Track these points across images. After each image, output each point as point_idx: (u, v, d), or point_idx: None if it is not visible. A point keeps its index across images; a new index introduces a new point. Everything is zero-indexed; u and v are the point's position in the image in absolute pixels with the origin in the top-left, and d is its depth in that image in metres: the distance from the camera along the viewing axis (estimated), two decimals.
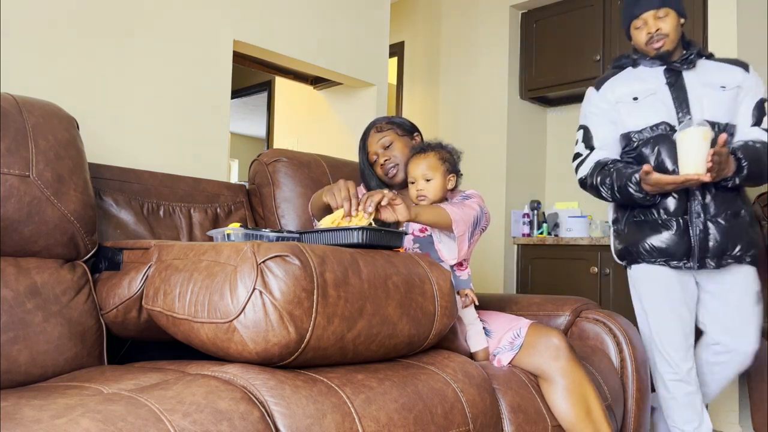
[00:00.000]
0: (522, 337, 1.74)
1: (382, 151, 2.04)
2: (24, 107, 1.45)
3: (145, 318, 1.40)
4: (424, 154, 1.89)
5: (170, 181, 1.99)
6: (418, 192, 1.86)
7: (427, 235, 1.89)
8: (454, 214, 1.78)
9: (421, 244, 1.90)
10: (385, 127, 2.08)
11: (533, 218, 3.98)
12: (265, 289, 1.16)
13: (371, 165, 2.08)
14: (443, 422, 1.34)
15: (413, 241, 1.91)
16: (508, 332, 1.78)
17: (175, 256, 1.34)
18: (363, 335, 1.29)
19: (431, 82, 4.43)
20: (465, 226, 1.80)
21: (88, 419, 0.93)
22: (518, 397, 1.60)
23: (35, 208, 1.39)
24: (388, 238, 1.50)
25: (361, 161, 2.11)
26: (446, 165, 1.89)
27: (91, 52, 2.15)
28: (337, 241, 1.46)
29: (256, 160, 2.27)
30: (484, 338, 1.79)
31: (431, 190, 1.86)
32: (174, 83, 2.38)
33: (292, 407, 1.14)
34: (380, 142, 2.04)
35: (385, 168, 2.03)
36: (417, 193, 1.87)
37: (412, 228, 1.92)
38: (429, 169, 1.86)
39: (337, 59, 3.03)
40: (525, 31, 4.05)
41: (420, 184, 1.87)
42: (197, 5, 2.45)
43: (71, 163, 1.47)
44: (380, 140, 2.04)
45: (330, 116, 3.53)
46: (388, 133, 2.05)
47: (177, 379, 1.14)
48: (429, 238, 1.89)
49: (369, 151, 2.07)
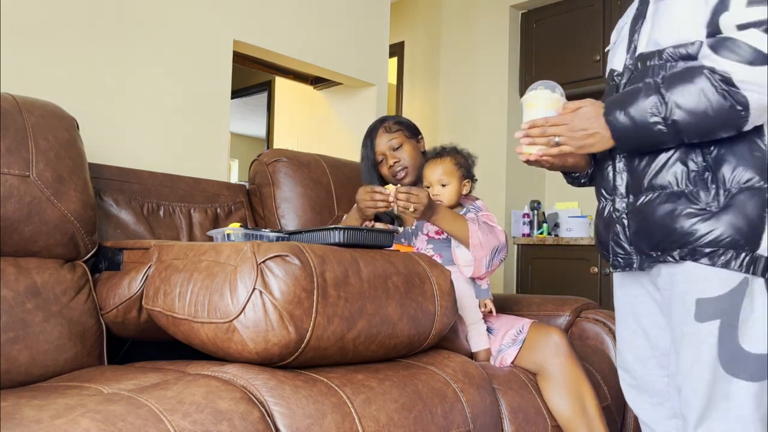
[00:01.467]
0: (525, 333, 1.76)
1: (391, 153, 2.01)
2: (24, 107, 1.45)
3: (145, 318, 1.40)
4: (441, 159, 1.88)
5: (170, 181, 1.99)
6: (434, 197, 1.86)
7: (442, 238, 1.89)
8: (475, 237, 1.78)
9: (435, 246, 1.90)
10: (394, 127, 2.04)
11: (533, 218, 3.98)
12: (265, 289, 1.16)
13: (376, 164, 2.06)
14: (443, 422, 1.34)
15: (427, 242, 1.91)
16: (511, 330, 1.80)
17: (175, 256, 1.34)
18: (363, 335, 1.29)
19: (431, 82, 4.43)
20: (483, 252, 1.79)
21: (88, 419, 0.93)
22: (518, 397, 1.60)
23: (35, 208, 1.39)
24: (374, 238, 1.48)
25: (366, 158, 2.07)
26: (462, 170, 1.89)
27: (91, 53, 2.15)
28: (318, 241, 1.44)
29: (256, 160, 2.27)
30: (487, 339, 1.79)
31: (447, 195, 1.87)
32: (174, 83, 2.38)
33: (292, 407, 1.14)
34: (389, 143, 2.01)
35: (393, 170, 2.01)
36: (433, 198, 1.86)
37: (428, 229, 1.92)
38: (445, 174, 1.86)
39: (337, 59, 3.03)
40: (525, 31, 4.05)
41: (436, 189, 1.87)
42: (197, 5, 2.45)
43: (71, 163, 1.47)
44: (389, 141, 2.01)
45: (330, 116, 3.53)
46: (398, 135, 2.03)
47: (177, 379, 1.14)
48: (445, 242, 1.89)
49: (376, 151, 2.03)
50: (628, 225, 1.33)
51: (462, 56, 4.24)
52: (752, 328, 1.20)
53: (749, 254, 1.19)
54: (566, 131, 1.30)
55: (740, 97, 1.14)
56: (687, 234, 1.22)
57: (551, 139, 1.31)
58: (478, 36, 4.16)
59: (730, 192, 1.20)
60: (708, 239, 1.20)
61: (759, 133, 1.22)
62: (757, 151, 1.21)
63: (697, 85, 1.16)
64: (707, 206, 1.21)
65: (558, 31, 3.89)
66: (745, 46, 1.13)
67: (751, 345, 1.20)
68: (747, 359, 1.20)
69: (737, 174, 1.21)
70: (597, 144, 1.29)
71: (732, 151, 1.22)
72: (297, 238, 1.49)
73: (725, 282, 1.21)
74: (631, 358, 1.43)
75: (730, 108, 1.15)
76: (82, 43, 2.13)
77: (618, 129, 1.25)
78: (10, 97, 1.45)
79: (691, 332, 1.24)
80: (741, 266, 1.19)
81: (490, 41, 4.10)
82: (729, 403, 1.21)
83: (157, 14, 2.33)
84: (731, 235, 1.19)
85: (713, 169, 1.22)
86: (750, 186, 1.20)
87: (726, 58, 1.14)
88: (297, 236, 1.50)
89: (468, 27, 4.23)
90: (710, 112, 1.16)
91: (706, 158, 1.23)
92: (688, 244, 1.23)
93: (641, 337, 1.41)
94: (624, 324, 1.44)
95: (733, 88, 1.14)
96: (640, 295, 1.40)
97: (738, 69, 1.13)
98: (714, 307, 1.21)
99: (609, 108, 1.27)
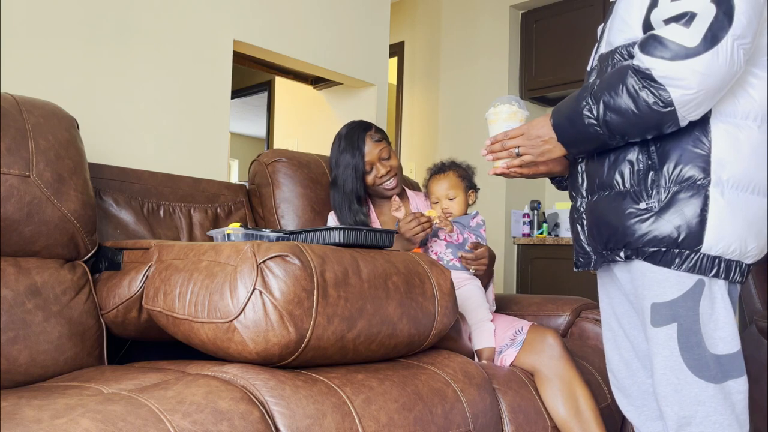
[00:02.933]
0: (524, 334, 1.77)
1: (381, 162, 1.99)
2: (24, 107, 1.45)
3: (145, 318, 1.40)
4: (444, 174, 1.93)
5: (170, 181, 1.99)
6: (444, 211, 1.90)
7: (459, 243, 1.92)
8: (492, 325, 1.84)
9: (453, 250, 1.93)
10: (379, 136, 2.01)
11: (533, 218, 3.98)
12: (265, 289, 1.16)
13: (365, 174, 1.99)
14: (443, 422, 1.34)
15: (446, 246, 1.94)
16: (510, 330, 1.81)
17: (175, 256, 1.34)
18: (363, 335, 1.29)
19: (431, 82, 4.43)
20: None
21: (88, 419, 0.93)
22: (518, 397, 1.61)
23: (35, 208, 1.39)
24: (374, 238, 1.48)
25: (353, 168, 1.98)
26: (465, 182, 1.96)
27: (91, 52, 2.15)
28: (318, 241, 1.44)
29: (256, 160, 2.27)
30: (493, 338, 1.80)
31: (456, 207, 1.92)
32: (174, 83, 2.38)
33: (292, 407, 1.14)
34: (379, 152, 1.98)
35: (382, 180, 1.98)
36: (443, 212, 1.90)
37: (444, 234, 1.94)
38: (451, 188, 1.92)
39: (337, 59, 3.03)
40: (525, 31, 4.05)
41: (444, 203, 1.92)
42: (197, 5, 2.45)
43: (71, 163, 1.47)
44: (380, 150, 1.99)
45: (330, 116, 3.53)
46: (384, 144, 2.00)
47: (177, 379, 1.14)
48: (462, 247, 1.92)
49: (366, 161, 1.98)
50: (585, 224, 1.34)
51: (462, 56, 4.24)
52: (715, 330, 1.19)
53: (695, 254, 1.17)
54: (524, 141, 1.33)
55: (663, 94, 1.12)
56: (630, 234, 1.21)
57: (512, 151, 1.35)
58: (478, 36, 4.16)
59: (671, 190, 1.18)
60: (648, 238, 1.19)
61: (704, 129, 1.19)
62: (700, 148, 1.18)
63: (623, 85, 1.16)
64: (648, 206, 1.19)
65: (558, 31, 3.89)
66: (666, 42, 1.11)
67: (715, 347, 1.19)
68: (715, 362, 1.19)
69: (679, 171, 1.18)
70: (554, 149, 1.31)
71: (676, 149, 1.19)
72: (297, 238, 1.49)
73: (679, 285, 1.19)
74: (616, 359, 1.43)
75: (654, 105, 1.13)
76: (82, 43, 2.13)
77: (561, 133, 1.28)
78: (10, 97, 1.45)
79: (651, 337, 1.24)
80: (692, 267, 1.17)
81: (490, 41, 4.10)
82: (705, 407, 1.20)
83: (157, 14, 2.33)
84: (670, 233, 1.17)
85: (658, 167, 1.20)
86: (691, 183, 1.17)
87: (649, 54, 1.12)
88: (297, 236, 1.50)
89: (468, 27, 4.23)
90: (636, 110, 1.15)
91: (652, 156, 1.21)
92: (631, 244, 1.22)
93: (624, 339, 1.40)
94: (607, 326, 1.44)
95: (654, 84, 1.12)
96: (617, 296, 1.39)
97: (658, 65, 1.11)
98: (668, 311, 1.20)
99: (553, 113, 1.30)
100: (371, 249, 1.44)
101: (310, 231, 1.48)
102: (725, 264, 1.18)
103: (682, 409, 1.21)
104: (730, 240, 1.16)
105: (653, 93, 1.13)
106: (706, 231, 1.16)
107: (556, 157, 1.34)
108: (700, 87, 1.10)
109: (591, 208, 1.31)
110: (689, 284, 1.19)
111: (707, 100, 1.13)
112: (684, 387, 1.20)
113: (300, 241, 1.33)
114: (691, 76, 1.09)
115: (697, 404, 1.20)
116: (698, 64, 1.09)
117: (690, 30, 1.10)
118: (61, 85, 2.07)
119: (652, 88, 1.12)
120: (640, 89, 1.14)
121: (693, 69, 1.09)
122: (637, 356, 1.38)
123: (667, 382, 1.22)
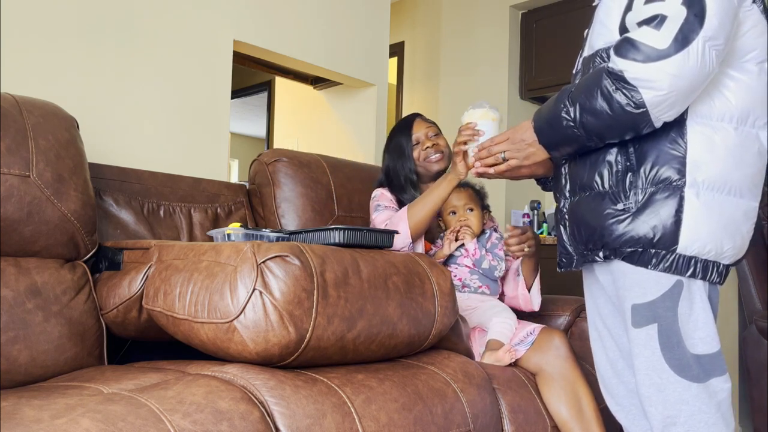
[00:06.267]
0: (535, 335, 1.79)
1: (428, 137, 2.11)
2: (24, 107, 1.45)
3: (145, 318, 1.40)
4: (464, 188, 2.01)
5: (170, 181, 1.99)
6: (463, 221, 1.96)
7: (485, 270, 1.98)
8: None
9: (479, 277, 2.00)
10: (430, 121, 2.18)
11: (533, 218, 3.97)
12: (265, 289, 1.16)
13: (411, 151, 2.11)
14: (443, 422, 1.34)
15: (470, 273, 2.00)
16: (521, 331, 1.83)
17: (175, 256, 1.34)
18: (363, 335, 1.29)
19: (431, 82, 4.43)
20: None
21: (88, 419, 0.93)
22: (518, 397, 1.61)
23: (35, 208, 1.39)
24: (374, 238, 1.49)
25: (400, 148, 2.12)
26: (479, 201, 2.04)
27: (91, 52, 2.15)
28: (318, 241, 1.45)
29: (256, 160, 2.27)
30: (508, 336, 1.80)
31: (474, 220, 1.98)
32: (174, 83, 2.38)
33: (292, 407, 1.14)
34: (428, 129, 2.13)
35: (428, 152, 2.08)
36: (462, 222, 1.96)
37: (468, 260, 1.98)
38: (470, 201, 2.00)
39: (337, 59, 3.03)
40: (525, 31, 4.05)
41: (463, 213, 1.99)
42: (197, 5, 2.45)
43: (71, 163, 1.47)
44: (428, 127, 2.13)
45: (330, 116, 3.53)
46: (434, 126, 2.17)
47: (177, 379, 1.14)
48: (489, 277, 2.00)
49: (413, 133, 2.11)
50: (567, 225, 1.35)
51: (462, 56, 4.24)
52: (695, 331, 1.20)
53: (671, 254, 1.17)
54: (509, 146, 1.38)
55: (635, 95, 1.13)
56: (608, 234, 1.22)
57: (497, 156, 1.40)
58: (478, 36, 4.16)
59: (647, 191, 1.19)
60: (625, 239, 1.20)
61: (680, 131, 1.19)
62: (677, 149, 1.19)
63: (598, 87, 1.17)
64: (626, 206, 1.20)
65: (558, 31, 3.89)
66: (638, 44, 1.12)
67: (695, 347, 1.20)
68: (696, 362, 1.20)
69: (656, 173, 1.19)
70: (537, 152, 1.33)
71: (653, 150, 1.20)
72: (297, 238, 1.49)
73: (658, 286, 1.20)
74: (602, 359, 1.43)
75: (627, 106, 1.14)
76: (82, 43, 2.13)
77: (542, 136, 1.30)
78: (10, 97, 1.45)
79: (633, 338, 1.24)
80: (669, 268, 1.18)
81: (490, 41, 4.10)
82: (690, 406, 1.20)
83: (157, 14, 2.33)
84: (646, 234, 1.18)
85: (636, 168, 1.21)
86: (667, 185, 1.18)
87: (622, 57, 1.13)
88: (297, 236, 1.50)
89: (468, 27, 4.23)
90: (610, 111, 1.16)
91: (630, 158, 1.22)
92: (609, 244, 1.23)
93: (609, 338, 1.40)
94: (593, 326, 1.45)
95: (627, 86, 1.13)
96: (601, 297, 1.40)
97: (631, 67, 1.12)
98: (648, 312, 1.21)
99: (534, 117, 1.32)
100: (371, 249, 1.44)
101: (310, 231, 1.48)
102: (702, 264, 1.19)
103: (666, 408, 1.21)
104: (706, 240, 1.18)
105: (626, 95, 1.14)
106: (681, 231, 1.18)
107: (540, 160, 1.36)
108: (671, 88, 1.11)
109: (573, 209, 1.33)
110: (668, 285, 1.20)
111: (680, 101, 1.14)
112: (667, 387, 1.21)
113: (300, 242, 1.33)
114: (662, 78, 1.10)
115: (681, 403, 1.20)
116: (669, 66, 1.10)
117: (661, 32, 1.11)
118: (61, 85, 2.07)
119: (625, 90, 1.13)
120: (613, 91, 1.15)
121: (664, 70, 1.10)
122: (622, 356, 1.38)
123: (650, 383, 1.22)
